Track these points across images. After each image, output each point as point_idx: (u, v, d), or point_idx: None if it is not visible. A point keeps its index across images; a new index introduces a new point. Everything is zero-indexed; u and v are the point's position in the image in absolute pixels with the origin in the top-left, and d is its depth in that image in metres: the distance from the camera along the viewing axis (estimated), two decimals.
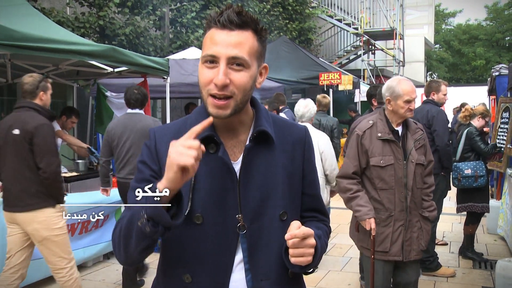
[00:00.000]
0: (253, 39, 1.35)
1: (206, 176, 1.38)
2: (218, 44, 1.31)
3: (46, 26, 5.19)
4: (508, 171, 6.17)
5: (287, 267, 1.42)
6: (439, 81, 5.45)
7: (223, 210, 1.36)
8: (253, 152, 1.41)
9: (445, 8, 35.86)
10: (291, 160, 1.48)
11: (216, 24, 1.33)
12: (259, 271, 1.40)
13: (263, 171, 1.42)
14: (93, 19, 9.55)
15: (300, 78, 11.26)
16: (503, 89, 6.96)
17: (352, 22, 19.18)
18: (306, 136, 1.55)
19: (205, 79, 1.33)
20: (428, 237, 3.41)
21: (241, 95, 1.34)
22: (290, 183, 1.47)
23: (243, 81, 1.33)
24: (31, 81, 3.85)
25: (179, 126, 1.49)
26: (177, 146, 1.19)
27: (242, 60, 1.32)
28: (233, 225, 1.38)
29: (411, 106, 3.31)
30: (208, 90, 1.33)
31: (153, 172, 1.42)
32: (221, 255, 1.39)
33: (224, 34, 1.32)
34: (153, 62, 5.98)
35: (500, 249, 6.17)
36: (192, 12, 12.15)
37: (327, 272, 5.18)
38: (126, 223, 1.30)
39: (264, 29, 1.39)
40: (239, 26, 1.32)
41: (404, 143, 3.35)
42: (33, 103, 3.82)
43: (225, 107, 1.33)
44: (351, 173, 3.39)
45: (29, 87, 3.83)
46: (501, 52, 30.17)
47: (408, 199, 3.28)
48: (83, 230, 5.06)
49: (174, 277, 1.43)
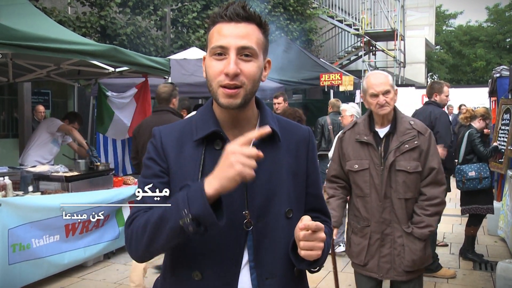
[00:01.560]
0: (258, 32, 1.39)
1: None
2: (227, 36, 1.34)
3: (47, 25, 5.19)
4: (508, 173, 6.17)
5: (293, 266, 1.43)
6: (441, 82, 5.46)
7: (230, 207, 1.36)
8: (259, 149, 1.41)
9: (446, 10, 35.84)
10: (296, 159, 1.50)
11: (223, 17, 1.36)
12: (264, 270, 1.41)
13: (269, 169, 1.43)
14: (94, 18, 9.56)
15: (301, 78, 11.25)
16: (504, 91, 6.97)
17: (353, 23, 19.17)
18: (310, 136, 1.56)
19: (215, 71, 1.35)
20: (414, 256, 2.92)
21: (250, 85, 1.36)
22: (295, 181, 1.48)
23: (252, 71, 1.36)
24: (167, 90, 4.78)
25: (183, 125, 1.50)
26: (238, 155, 1.20)
27: (251, 50, 1.35)
28: (240, 222, 1.39)
29: (380, 101, 2.90)
30: (219, 81, 1.35)
31: (162, 168, 1.44)
32: (230, 252, 1.39)
33: (232, 26, 1.35)
34: (154, 62, 5.98)
35: (501, 250, 6.17)
36: (193, 12, 12.16)
37: (327, 273, 5.17)
38: (156, 219, 1.30)
39: (267, 23, 1.43)
40: (245, 18, 1.36)
41: (387, 146, 2.96)
42: (169, 107, 4.75)
43: (236, 96, 1.35)
44: (330, 176, 3.19)
45: (165, 95, 4.76)
46: (502, 53, 30.15)
47: (386, 209, 2.92)
48: (83, 230, 5.06)
49: (183, 275, 1.43)
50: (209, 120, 1.44)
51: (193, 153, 1.43)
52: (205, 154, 1.42)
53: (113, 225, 5.48)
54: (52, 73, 6.78)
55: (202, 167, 1.40)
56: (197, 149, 1.43)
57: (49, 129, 6.48)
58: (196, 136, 1.43)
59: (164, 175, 1.44)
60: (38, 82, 9.60)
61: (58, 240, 4.76)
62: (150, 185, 1.38)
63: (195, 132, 1.44)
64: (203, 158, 1.41)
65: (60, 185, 5.19)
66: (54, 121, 6.57)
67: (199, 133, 1.43)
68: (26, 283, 4.44)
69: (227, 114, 1.43)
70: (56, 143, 6.60)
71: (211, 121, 1.44)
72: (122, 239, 5.61)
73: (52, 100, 10.74)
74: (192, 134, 1.45)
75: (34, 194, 4.99)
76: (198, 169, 1.40)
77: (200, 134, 1.42)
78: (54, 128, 6.46)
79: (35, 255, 4.50)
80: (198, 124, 1.46)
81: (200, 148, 1.43)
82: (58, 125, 6.46)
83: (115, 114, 7.16)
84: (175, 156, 1.44)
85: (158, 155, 1.46)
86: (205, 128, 1.42)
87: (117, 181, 6.02)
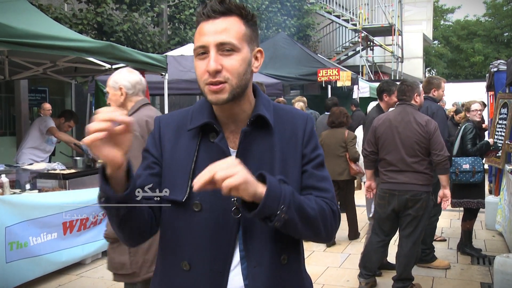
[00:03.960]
0: (239, 24, 1.37)
1: (206, 164, 1.38)
2: (205, 34, 1.34)
3: (43, 22, 5.17)
4: (506, 167, 6.18)
5: (279, 253, 1.41)
6: (439, 78, 5.47)
7: (221, 197, 1.34)
8: (250, 136, 1.41)
9: (444, 4, 35.83)
10: (290, 145, 1.47)
11: (202, 16, 1.36)
12: (252, 258, 1.39)
13: (260, 156, 1.42)
14: (91, 15, 9.54)
15: (299, 74, 11.23)
16: (502, 85, 6.95)
17: (350, 18, 19.16)
18: (307, 121, 1.53)
19: (200, 71, 1.36)
20: None
21: (235, 80, 1.35)
22: (287, 168, 1.44)
23: (234, 65, 1.34)
24: None
25: (183, 115, 1.51)
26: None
27: (230, 45, 1.34)
28: (230, 209, 1.38)
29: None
30: (204, 80, 1.35)
31: (154, 159, 1.47)
32: (220, 242, 1.38)
33: (210, 23, 1.35)
34: (151, 58, 5.96)
35: (498, 245, 6.18)
36: (190, 8, 12.14)
37: (325, 268, 5.18)
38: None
39: (252, 13, 1.41)
40: (223, 13, 1.35)
41: None
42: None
43: (221, 91, 1.34)
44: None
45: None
46: (500, 48, 30.17)
47: None
48: (81, 227, 5.06)
49: (172, 265, 1.43)
50: (204, 112, 1.45)
51: (188, 144, 1.44)
52: (200, 145, 1.43)
53: None
54: (49, 70, 6.75)
55: (195, 158, 1.41)
56: (192, 140, 1.44)
57: (41, 128, 6.48)
58: (190, 126, 1.44)
59: (155, 165, 1.46)
60: (35, 80, 9.58)
61: (55, 238, 4.76)
62: (150, 184, 1.37)
63: (190, 122, 1.46)
64: (197, 149, 1.42)
65: (58, 183, 5.18)
66: (46, 121, 6.54)
67: (193, 123, 1.44)
68: (24, 281, 4.44)
69: (221, 110, 1.43)
70: (50, 141, 6.60)
71: (206, 112, 1.44)
72: None
73: (49, 98, 10.71)
74: (188, 124, 1.46)
75: (31, 192, 4.98)
76: (191, 160, 1.41)
77: (193, 125, 1.43)
78: (45, 129, 6.46)
79: (33, 253, 4.50)
80: (194, 114, 1.47)
81: (195, 139, 1.43)
82: (48, 127, 6.46)
83: None
84: (171, 146, 1.46)
85: (154, 144, 1.49)
86: (200, 118, 1.43)
87: None
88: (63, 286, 4.79)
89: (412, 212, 4.23)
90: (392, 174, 4.29)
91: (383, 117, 4.46)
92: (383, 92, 5.18)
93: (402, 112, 4.33)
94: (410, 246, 4.27)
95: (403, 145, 4.22)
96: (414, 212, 4.22)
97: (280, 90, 9.54)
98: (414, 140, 4.18)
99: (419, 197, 4.19)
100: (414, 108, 4.37)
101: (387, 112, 4.76)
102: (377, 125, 4.42)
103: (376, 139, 4.40)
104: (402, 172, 4.23)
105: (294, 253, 1.48)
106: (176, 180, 1.42)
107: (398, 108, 4.42)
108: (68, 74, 7.33)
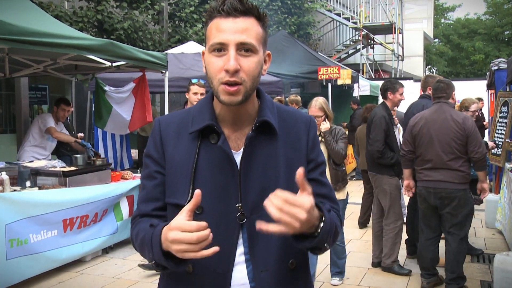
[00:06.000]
0: (257, 25, 1.36)
1: (207, 166, 1.39)
2: (225, 32, 1.32)
3: (44, 20, 5.16)
4: (506, 165, 6.18)
5: (287, 259, 1.41)
6: (435, 76, 5.46)
7: (223, 200, 1.35)
8: (255, 142, 1.40)
9: (444, 2, 35.74)
10: (294, 150, 1.46)
11: (220, 13, 1.34)
12: (259, 262, 1.39)
13: (264, 161, 1.41)
14: (91, 13, 9.53)
15: (299, 72, 11.22)
16: (502, 83, 6.95)
17: (351, 16, 19.14)
18: (310, 124, 1.53)
19: (215, 68, 1.34)
20: None
21: (250, 82, 1.35)
22: (291, 175, 1.41)
23: (252, 67, 1.34)
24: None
25: (183, 116, 1.50)
26: (176, 233, 1.21)
27: (250, 46, 1.33)
28: (234, 215, 1.38)
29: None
30: (220, 78, 1.33)
31: (156, 165, 1.46)
32: (222, 245, 1.37)
33: (230, 21, 1.33)
34: (151, 56, 5.96)
35: (498, 243, 6.18)
36: (191, 6, 12.12)
37: (325, 266, 5.18)
38: (140, 241, 1.39)
39: (266, 15, 1.40)
40: (243, 12, 1.33)
41: None
42: None
43: (237, 93, 1.33)
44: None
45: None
46: (500, 46, 30.10)
47: None
48: (81, 224, 5.06)
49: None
50: (205, 113, 1.43)
51: (188, 146, 1.43)
52: (200, 147, 1.41)
53: (111, 219, 5.48)
54: (49, 68, 6.76)
55: (196, 161, 1.40)
56: (192, 142, 1.42)
57: (41, 127, 6.47)
58: (191, 129, 1.43)
59: (157, 174, 1.46)
60: (36, 77, 9.57)
61: (56, 235, 4.76)
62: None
63: (191, 124, 1.44)
64: (197, 152, 1.41)
65: (58, 180, 5.18)
66: (46, 120, 6.53)
67: (194, 125, 1.43)
68: (24, 278, 4.44)
69: (227, 110, 1.42)
70: (51, 139, 6.59)
71: (207, 114, 1.42)
72: (120, 234, 5.61)
73: (50, 95, 10.70)
74: (189, 126, 1.45)
75: (31, 189, 4.98)
76: (192, 163, 1.40)
77: (195, 127, 1.42)
78: (44, 128, 6.46)
79: (33, 250, 4.50)
80: (195, 116, 1.45)
81: (195, 141, 1.42)
82: (47, 127, 6.45)
83: (113, 108, 7.14)
84: (172, 149, 1.45)
85: (155, 149, 1.47)
86: (201, 121, 1.42)
87: (115, 175, 6.02)
88: (63, 283, 4.80)
89: (450, 210, 4.26)
90: (428, 171, 4.32)
91: (419, 116, 4.49)
92: (388, 90, 5.17)
93: (439, 109, 4.35)
94: (457, 243, 4.31)
95: (439, 143, 4.24)
96: (452, 210, 4.25)
97: (281, 88, 9.51)
98: (451, 137, 4.19)
99: (455, 195, 4.21)
100: (451, 105, 4.40)
101: (423, 111, 4.71)
102: (413, 124, 4.45)
103: (413, 138, 4.43)
104: (437, 169, 4.26)
105: (302, 258, 1.48)
106: (178, 182, 1.42)
107: (435, 106, 4.43)
108: (69, 72, 7.33)
